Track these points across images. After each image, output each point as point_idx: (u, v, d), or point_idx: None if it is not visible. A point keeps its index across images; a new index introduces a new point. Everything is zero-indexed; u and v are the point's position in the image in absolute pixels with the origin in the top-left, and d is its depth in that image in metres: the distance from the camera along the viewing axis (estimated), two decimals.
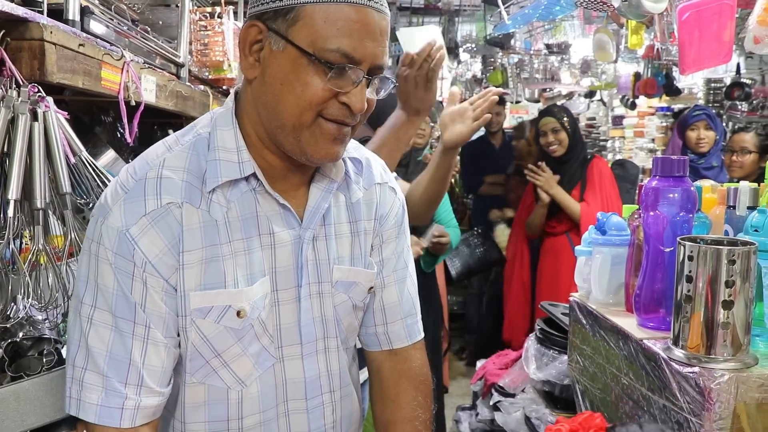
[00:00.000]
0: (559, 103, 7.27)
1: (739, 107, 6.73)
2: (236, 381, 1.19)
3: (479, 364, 2.70)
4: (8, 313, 1.37)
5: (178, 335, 1.14)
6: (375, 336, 1.41)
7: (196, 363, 1.16)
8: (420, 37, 2.15)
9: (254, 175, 1.15)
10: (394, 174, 1.73)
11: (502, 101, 5.59)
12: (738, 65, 6.50)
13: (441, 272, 3.67)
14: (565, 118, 3.85)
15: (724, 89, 6.56)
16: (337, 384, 1.31)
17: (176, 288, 1.11)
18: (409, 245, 1.45)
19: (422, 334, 1.46)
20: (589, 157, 3.99)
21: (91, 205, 1.52)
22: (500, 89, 3.30)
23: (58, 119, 1.44)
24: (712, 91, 6.88)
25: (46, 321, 1.51)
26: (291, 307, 1.22)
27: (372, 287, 1.35)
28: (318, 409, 1.27)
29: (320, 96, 1.08)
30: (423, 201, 2.16)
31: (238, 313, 1.14)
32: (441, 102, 4.89)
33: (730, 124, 6.59)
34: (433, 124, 4.23)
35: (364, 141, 1.88)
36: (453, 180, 4.06)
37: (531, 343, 2.11)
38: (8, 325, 1.39)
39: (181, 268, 1.10)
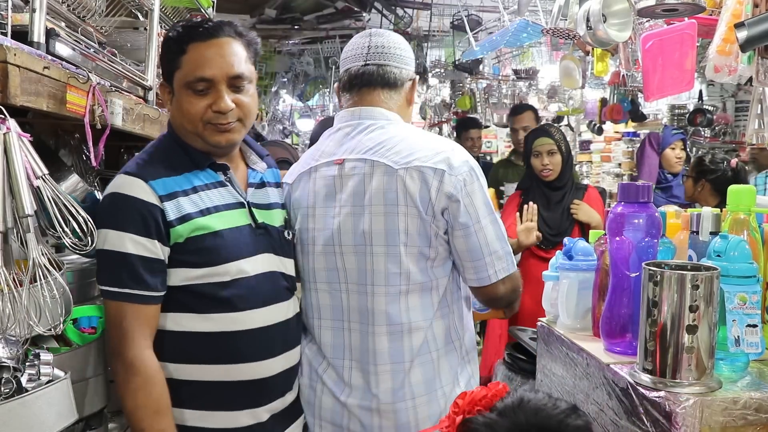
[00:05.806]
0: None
1: (702, 133, 6.86)
2: None
3: None
4: None
5: None
6: None
7: None
8: None
9: None
10: None
11: (479, 125, 5.62)
12: (700, 92, 6.64)
13: None
14: (561, 140, 3.47)
15: (687, 115, 6.69)
16: None
17: None
18: None
19: None
20: (582, 186, 3.63)
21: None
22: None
23: (20, 141, 1.41)
24: (676, 117, 6.99)
25: (6, 349, 1.47)
26: None
27: None
28: None
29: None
30: None
31: None
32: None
33: (694, 149, 6.71)
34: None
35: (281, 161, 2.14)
36: None
37: (500, 369, 2.11)
38: None
39: None
